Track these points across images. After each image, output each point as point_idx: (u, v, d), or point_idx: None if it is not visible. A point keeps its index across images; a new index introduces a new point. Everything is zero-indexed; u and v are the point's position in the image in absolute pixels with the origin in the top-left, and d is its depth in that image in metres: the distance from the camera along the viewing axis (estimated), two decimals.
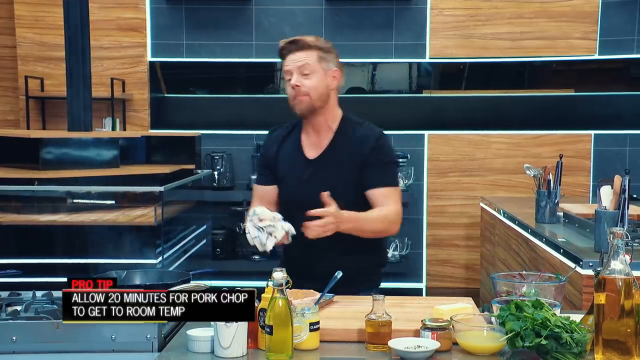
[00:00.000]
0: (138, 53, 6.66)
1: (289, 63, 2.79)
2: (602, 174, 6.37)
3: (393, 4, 6.50)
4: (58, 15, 6.49)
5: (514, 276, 2.41)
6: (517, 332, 1.84)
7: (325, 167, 2.83)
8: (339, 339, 2.12)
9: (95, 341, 2.05)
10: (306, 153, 2.88)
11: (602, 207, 3.25)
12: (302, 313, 2.03)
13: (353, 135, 2.83)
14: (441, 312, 2.16)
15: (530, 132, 6.55)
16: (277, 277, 1.99)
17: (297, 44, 2.78)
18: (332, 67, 2.82)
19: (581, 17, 6.42)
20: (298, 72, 2.77)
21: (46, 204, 4.89)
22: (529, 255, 4.10)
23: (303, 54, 2.77)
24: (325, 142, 2.86)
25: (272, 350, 1.96)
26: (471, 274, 6.57)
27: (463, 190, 6.59)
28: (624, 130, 6.49)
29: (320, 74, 2.78)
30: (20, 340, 2.04)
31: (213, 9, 6.56)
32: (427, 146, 6.58)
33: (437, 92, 6.64)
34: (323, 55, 2.79)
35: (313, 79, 2.77)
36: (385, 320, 2.04)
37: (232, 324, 1.98)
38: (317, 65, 2.77)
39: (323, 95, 2.80)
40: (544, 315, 1.85)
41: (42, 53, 6.71)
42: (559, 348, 1.81)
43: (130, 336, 2.05)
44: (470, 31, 6.51)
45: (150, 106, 6.70)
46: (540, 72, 6.70)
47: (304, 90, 2.77)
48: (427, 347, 1.95)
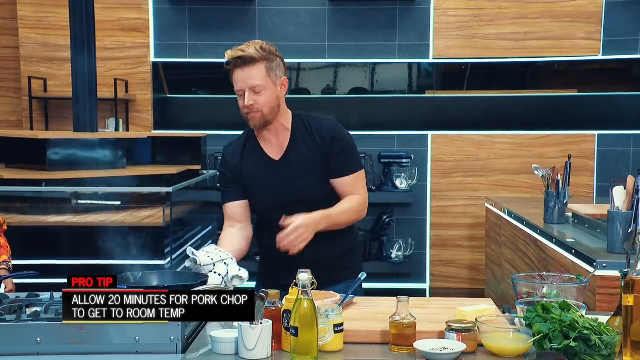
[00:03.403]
0: (141, 54, 6.66)
1: (239, 81, 2.77)
2: (606, 174, 6.41)
3: (396, 4, 6.50)
4: (61, 15, 6.49)
5: (534, 277, 2.40)
6: (545, 334, 1.84)
7: (291, 165, 2.87)
8: (362, 340, 2.12)
9: (118, 343, 2.05)
10: (269, 155, 2.91)
11: (615, 207, 3.25)
12: (326, 314, 2.03)
13: (310, 130, 2.88)
14: (464, 314, 2.16)
15: (534, 133, 6.56)
16: (303, 279, 1.98)
17: (243, 59, 2.73)
18: (280, 76, 2.81)
19: (585, 17, 6.43)
20: (249, 90, 2.75)
21: (53, 204, 4.88)
22: (538, 255, 4.10)
23: (250, 70, 2.74)
24: (285, 142, 2.89)
25: (297, 352, 1.95)
26: (475, 274, 6.57)
27: (467, 191, 6.60)
28: (628, 131, 6.49)
29: (271, 88, 2.77)
30: (45, 341, 2.04)
31: (216, 10, 6.55)
32: (430, 146, 6.58)
33: (441, 92, 6.64)
34: (270, 66, 2.76)
35: (264, 96, 2.76)
36: (410, 322, 2.04)
37: (257, 325, 1.98)
38: (266, 80, 2.75)
39: (275, 107, 2.81)
40: (572, 317, 1.85)
41: (45, 54, 6.70)
42: (588, 350, 1.81)
43: (153, 338, 2.05)
44: (474, 31, 6.51)
45: (154, 107, 6.70)
46: (544, 72, 6.71)
47: (257, 107, 2.77)
48: (453, 349, 1.95)
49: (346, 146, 2.89)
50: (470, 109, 6.61)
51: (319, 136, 2.86)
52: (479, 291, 6.20)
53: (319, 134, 2.87)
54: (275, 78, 2.78)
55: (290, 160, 2.87)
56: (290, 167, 2.86)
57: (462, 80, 6.68)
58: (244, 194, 2.94)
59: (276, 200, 2.85)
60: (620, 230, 3.23)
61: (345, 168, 2.88)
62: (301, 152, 2.86)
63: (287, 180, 2.85)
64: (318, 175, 2.87)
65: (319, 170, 2.86)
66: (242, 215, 2.94)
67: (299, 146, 2.87)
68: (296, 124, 2.90)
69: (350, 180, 2.89)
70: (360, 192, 2.91)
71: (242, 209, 2.94)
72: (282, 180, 2.86)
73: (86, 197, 4.92)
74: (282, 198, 2.84)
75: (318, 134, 2.87)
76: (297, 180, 2.85)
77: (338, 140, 2.87)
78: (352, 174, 2.89)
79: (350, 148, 2.90)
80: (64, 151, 5.04)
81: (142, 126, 6.68)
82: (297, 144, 2.88)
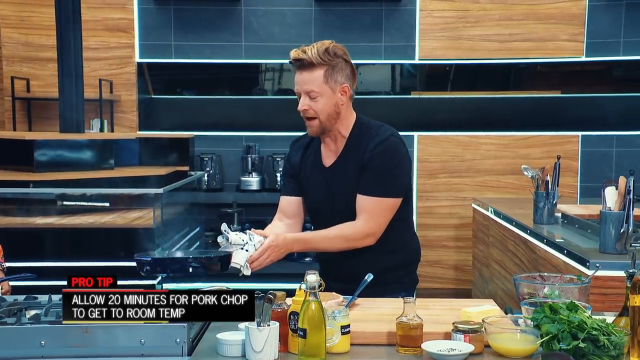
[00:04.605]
0: (126, 54, 6.62)
1: (297, 83, 2.71)
2: (590, 175, 6.47)
3: (382, 6, 6.51)
4: (44, 15, 6.45)
5: (535, 277, 2.41)
6: (554, 335, 1.85)
7: (337, 174, 2.79)
8: (368, 341, 2.11)
9: (123, 345, 2.04)
10: (324, 161, 2.85)
11: (607, 208, 3.27)
12: (333, 316, 2.02)
13: (362, 141, 2.76)
14: (469, 315, 2.16)
15: (518, 134, 6.60)
16: (311, 280, 1.97)
17: (302, 62, 2.66)
18: (340, 82, 2.70)
19: (568, 19, 6.48)
20: (305, 94, 2.70)
21: (41, 206, 4.83)
22: (528, 256, 4.12)
23: (308, 74, 2.66)
24: (340, 149, 2.81)
25: (305, 354, 1.95)
26: (461, 274, 6.60)
27: (452, 192, 6.63)
28: (611, 132, 6.55)
29: (328, 94, 2.68)
30: (49, 344, 2.02)
31: (202, 10, 6.53)
32: (416, 147, 6.60)
33: (426, 93, 6.66)
34: (330, 72, 2.66)
35: (320, 102, 2.68)
36: (417, 323, 2.04)
37: (264, 327, 1.97)
38: (323, 87, 2.66)
39: (332, 114, 2.72)
40: (580, 317, 1.86)
41: (27, 53, 6.64)
42: (596, 351, 1.82)
43: (159, 340, 2.04)
44: (459, 33, 6.54)
45: (139, 107, 6.66)
46: (527, 73, 6.75)
47: (312, 113, 2.70)
48: (461, 350, 1.95)
49: (383, 165, 2.70)
50: (455, 110, 6.64)
51: (365, 149, 2.72)
52: (465, 291, 6.23)
53: (366, 147, 2.73)
54: (334, 84, 2.68)
55: (337, 170, 2.78)
56: (336, 177, 2.77)
57: (447, 81, 6.71)
58: (300, 191, 2.89)
59: (320, 208, 2.82)
60: (613, 231, 3.26)
61: (370, 188, 2.69)
62: (349, 162, 2.75)
63: (330, 190, 2.78)
64: (356, 189, 2.73)
65: (358, 184, 2.73)
66: (293, 212, 2.89)
67: (350, 156, 2.76)
68: (354, 132, 2.78)
69: (366, 202, 2.69)
70: (368, 222, 2.69)
71: (294, 205, 2.88)
72: (326, 188, 2.80)
73: (75, 199, 4.88)
74: (325, 206, 2.79)
75: (366, 146, 2.73)
76: (337, 191, 2.76)
77: (377, 156, 2.70)
78: (372, 197, 2.69)
79: (387, 170, 2.70)
80: (52, 152, 4.99)
81: (126, 127, 6.64)
82: (349, 154, 2.76)
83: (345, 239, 2.70)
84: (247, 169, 6.43)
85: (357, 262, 2.72)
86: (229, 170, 6.58)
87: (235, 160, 6.57)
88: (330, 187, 2.79)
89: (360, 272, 2.42)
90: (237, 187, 6.51)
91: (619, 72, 6.65)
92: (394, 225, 2.77)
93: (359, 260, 2.72)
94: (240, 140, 6.59)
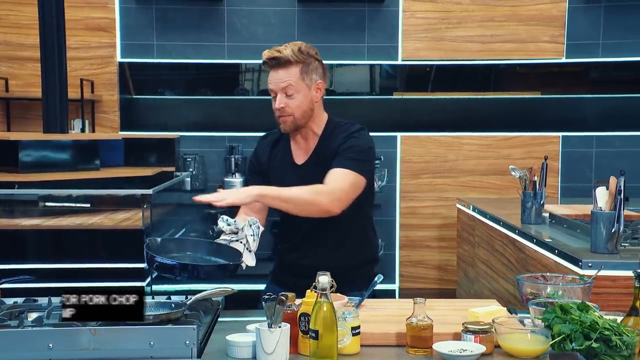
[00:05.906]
0: (107, 54, 6.56)
1: (272, 82, 2.76)
2: (570, 175, 6.54)
3: (365, 6, 6.52)
4: (22, 14, 6.38)
5: (537, 278, 2.43)
6: (566, 335, 1.86)
7: (311, 171, 2.81)
8: (378, 342, 2.12)
9: (132, 348, 2.02)
10: (295, 159, 2.89)
11: (598, 208, 3.31)
12: (343, 317, 2.02)
13: (335, 137, 2.82)
14: (476, 315, 2.17)
15: (500, 134, 6.64)
16: (323, 281, 1.97)
17: (278, 60, 2.72)
18: (315, 80, 2.78)
19: (549, 20, 6.53)
20: (281, 92, 2.74)
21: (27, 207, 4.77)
22: (517, 256, 4.15)
23: (285, 72, 2.72)
24: (312, 147, 2.87)
25: (318, 356, 1.95)
26: (444, 274, 6.63)
27: (435, 192, 6.65)
28: (591, 132, 6.62)
29: (304, 91, 2.75)
30: (57, 347, 2.00)
31: (184, 10, 6.49)
32: (399, 148, 6.62)
33: (409, 94, 6.68)
34: (305, 70, 2.74)
35: (297, 99, 2.74)
36: (427, 324, 2.04)
37: (275, 329, 1.96)
38: (300, 83, 2.74)
39: (307, 111, 2.78)
40: (592, 317, 1.87)
41: (5, 52, 6.56)
42: (608, 351, 1.84)
43: (168, 342, 2.03)
44: (442, 34, 6.57)
45: (120, 108, 6.61)
46: (507, 74, 6.78)
47: (288, 110, 2.75)
48: (472, 351, 1.96)
49: (354, 147, 2.75)
50: (438, 111, 6.66)
51: (338, 139, 2.79)
52: (449, 291, 6.25)
53: (339, 137, 2.79)
54: (309, 82, 2.76)
55: (311, 167, 2.82)
56: (309, 174, 2.78)
57: (428, 82, 6.73)
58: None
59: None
60: (604, 231, 3.29)
61: (340, 162, 2.72)
62: (323, 159, 2.79)
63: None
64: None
65: None
66: (257, 210, 2.87)
67: (323, 153, 2.82)
68: (327, 130, 2.84)
69: (335, 172, 2.70)
70: (336, 184, 2.68)
71: (259, 203, 2.82)
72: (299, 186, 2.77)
73: (60, 200, 4.83)
74: None
75: (339, 137, 2.79)
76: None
77: (348, 141, 2.76)
78: (341, 168, 2.71)
79: (357, 151, 2.75)
80: (37, 153, 4.92)
81: (108, 127, 6.59)
82: (322, 150, 2.82)
83: (316, 191, 2.65)
84: (230, 170, 6.40)
85: (320, 256, 2.76)
86: (212, 170, 6.55)
87: (218, 160, 6.54)
88: (303, 184, 2.78)
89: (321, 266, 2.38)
90: (221, 188, 6.46)
91: (597, 74, 6.72)
92: (356, 221, 2.85)
93: (322, 255, 2.76)
94: (223, 141, 6.56)
